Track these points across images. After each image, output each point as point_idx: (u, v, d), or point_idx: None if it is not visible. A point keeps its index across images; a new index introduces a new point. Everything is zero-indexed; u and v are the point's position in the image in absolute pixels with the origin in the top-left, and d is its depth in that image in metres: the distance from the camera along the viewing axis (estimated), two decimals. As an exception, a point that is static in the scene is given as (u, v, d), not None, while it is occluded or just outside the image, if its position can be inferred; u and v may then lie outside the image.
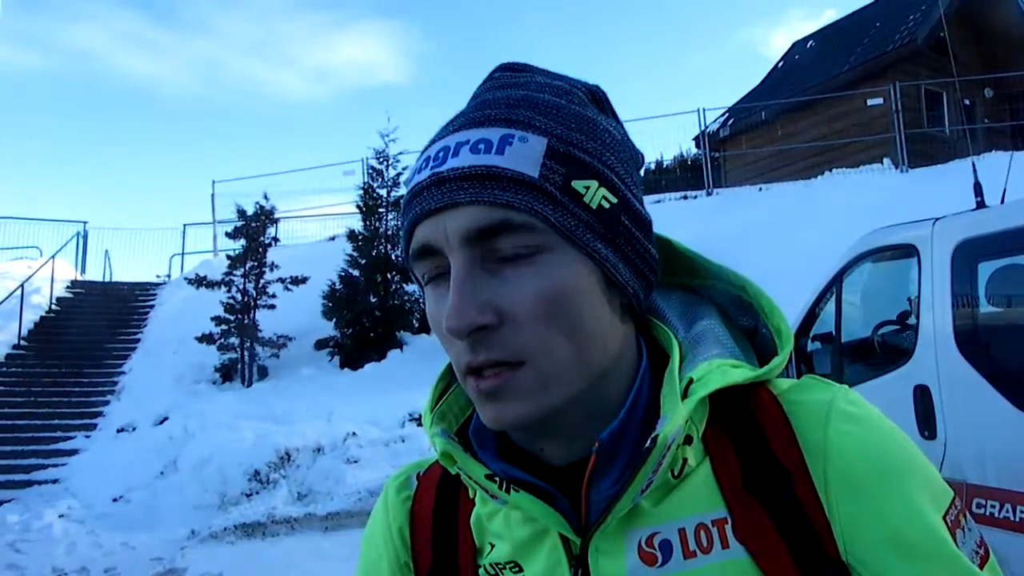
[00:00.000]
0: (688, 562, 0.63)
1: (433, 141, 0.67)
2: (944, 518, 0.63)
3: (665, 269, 0.75)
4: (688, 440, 0.65)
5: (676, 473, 0.65)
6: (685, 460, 0.65)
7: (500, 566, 0.71)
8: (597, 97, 0.73)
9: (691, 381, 0.65)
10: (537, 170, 0.62)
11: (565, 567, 0.66)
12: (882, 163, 14.51)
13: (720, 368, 0.66)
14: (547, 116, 0.64)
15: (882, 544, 0.61)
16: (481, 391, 0.63)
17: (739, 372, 0.67)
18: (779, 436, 0.66)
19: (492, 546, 0.72)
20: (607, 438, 0.64)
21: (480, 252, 0.62)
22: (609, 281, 0.66)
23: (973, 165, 4.27)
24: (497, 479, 0.65)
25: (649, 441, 0.61)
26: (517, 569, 0.70)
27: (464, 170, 0.62)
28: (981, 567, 0.63)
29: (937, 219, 3.82)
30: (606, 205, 0.64)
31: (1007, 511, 3.08)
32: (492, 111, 0.65)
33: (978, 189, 4.06)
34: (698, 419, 0.67)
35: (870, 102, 15.54)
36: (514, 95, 0.67)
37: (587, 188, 0.63)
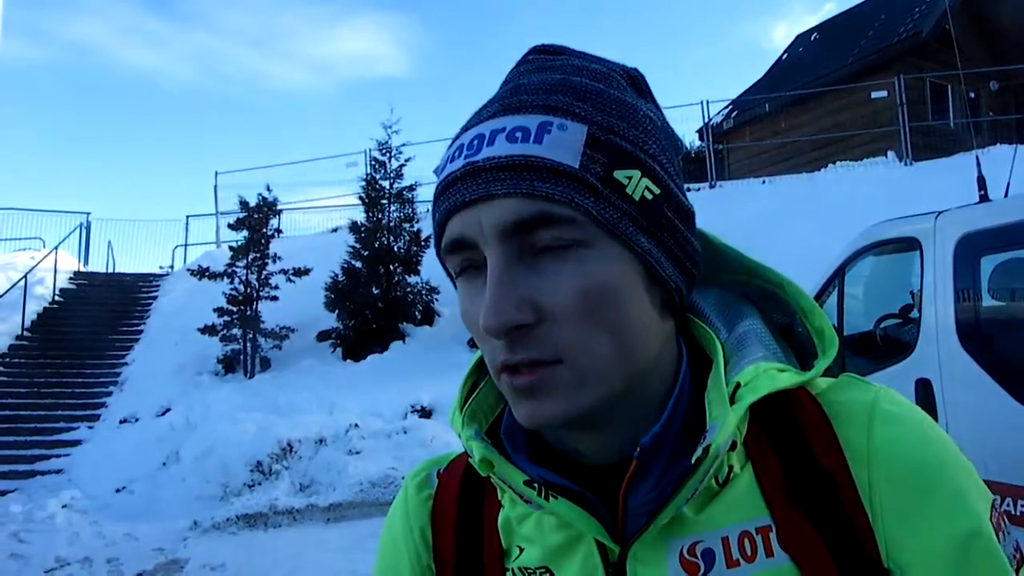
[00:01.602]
0: (731, 571, 0.61)
1: (466, 128, 0.64)
2: (989, 521, 0.61)
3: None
4: (732, 446, 0.63)
5: (721, 481, 0.63)
6: (731, 467, 0.63)
7: (530, 571, 0.68)
8: (636, 81, 0.70)
9: (738, 385, 0.63)
10: (578, 160, 0.59)
11: (601, 574, 0.64)
12: (886, 156, 14.46)
13: (767, 372, 0.64)
14: (586, 102, 0.61)
15: (928, 549, 0.59)
16: (516, 387, 0.60)
17: (787, 376, 0.64)
18: (820, 439, 0.64)
19: (521, 549, 0.69)
20: (649, 443, 0.62)
21: (517, 246, 0.59)
22: (651, 276, 0.63)
23: (977, 158, 4.26)
24: (536, 485, 0.63)
25: (701, 451, 0.59)
26: (548, 575, 0.67)
27: (501, 160, 0.59)
28: (1016, 573, 0.61)
29: (940, 213, 3.81)
30: (649, 196, 0.61)
31: (1008, 505, 3.08)
32: (528, 97, 0.62)
33: (982, 183, 4.05)
34: (741, 424, 0.64)
35: (874, 95, 15.47)
36: (550, 79, 0.64)
37: (629, 179, 0.60)
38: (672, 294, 0.66)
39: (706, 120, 17.48)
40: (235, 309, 12.64)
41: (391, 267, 13.32)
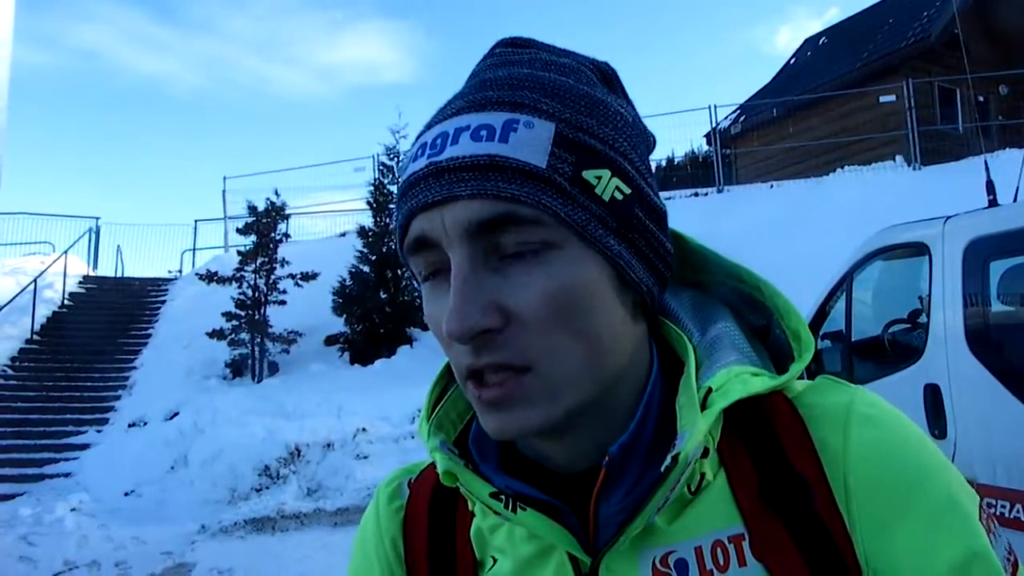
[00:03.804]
0: None
1: (430, 126, 0.61)
2: (982, 527, 0.58)
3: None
4: (704, 452, 0.61)
5: (693, 489, 0.61)
6: (703, 475, 0.61)
7: None
8: (606, 75, 0.67)
9: (709, 391, 0.61)
10: (544, 159, 0.56)
11: None
12: (894, 160, 14.42)
13: (740, 377, 0.62)
14: (554, 98, 0.59)
15: (910, 555, 0.57)
16: (483, 400, 0.58)
17: (760, 381, 0.62)
18: (795, 443, 0.62)
19: (495, 560, 0.67)
20: (617, 451, 0.60)
21: (482, 247, 0.57)
22: (622, 279, 0.61)
23: (985, 163, 4.25)
24: (503, 497, 0.61)
25: (669, 459, 0.57)
26: None
27: (464, 160, 0.56)
28: None
29: (948, 217, 3.79)
30: (619, 196, 0.59)
31: (1017, 511, 3.06)
32: (494, 93, 0.59)
33: (990, 187, 4.04)
34: (714, 429, 0.62)
35: (882, 99, 15.45)
36: (517, 74, 0.61)
37: (598, 179, 0.58)
38: (644, 297, 0.64)
39: (714, 124, 17.48)
40: (243, 313, 12.67)
41: (399, 272, 13.33)
